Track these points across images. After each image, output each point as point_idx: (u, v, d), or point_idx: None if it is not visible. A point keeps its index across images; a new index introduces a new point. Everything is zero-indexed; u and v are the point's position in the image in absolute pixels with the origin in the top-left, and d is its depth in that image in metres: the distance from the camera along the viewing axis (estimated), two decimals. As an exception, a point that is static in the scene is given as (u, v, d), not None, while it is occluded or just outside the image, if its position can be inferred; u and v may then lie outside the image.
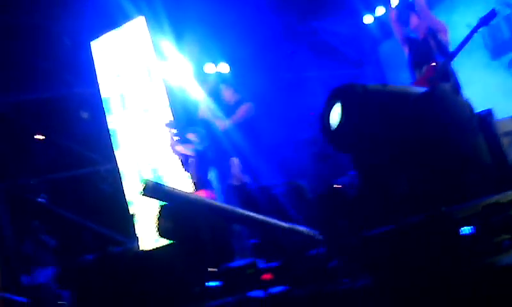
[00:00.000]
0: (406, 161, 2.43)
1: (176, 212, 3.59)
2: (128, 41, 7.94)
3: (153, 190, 3.22)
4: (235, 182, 5.98)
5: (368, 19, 9.88)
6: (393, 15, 5.79)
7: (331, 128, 2.56)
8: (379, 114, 2.46)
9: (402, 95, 2.60)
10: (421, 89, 2.66)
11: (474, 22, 5.05)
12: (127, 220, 7.72)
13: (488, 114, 2.67)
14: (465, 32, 5.10)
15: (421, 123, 2.37)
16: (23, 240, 7.33)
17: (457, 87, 4.87)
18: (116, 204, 7.89)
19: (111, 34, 8.04)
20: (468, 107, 2.53)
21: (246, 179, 5.87)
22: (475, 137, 2.45)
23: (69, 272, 5.77)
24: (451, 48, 5.18)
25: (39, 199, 7.92)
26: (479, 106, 2.67)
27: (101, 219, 8.02)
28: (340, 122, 2.45)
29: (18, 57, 7.64)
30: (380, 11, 9.63)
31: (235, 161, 5.93)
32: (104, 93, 8.09)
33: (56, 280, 6.53)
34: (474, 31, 5.01)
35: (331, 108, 2.56)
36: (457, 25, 6.43)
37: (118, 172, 7.88)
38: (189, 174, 6.33)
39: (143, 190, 3.26)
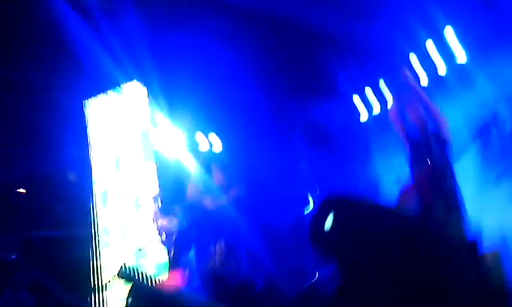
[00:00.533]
0: (389, 284, 2.33)
1: (145, 294, 3.43)
2: (124, 103, 7.93)
3: (126, 275, 3.08)
4: (217, 265, 5.75)
5: (364, 117, 10.03)
6: (393, 112, 5.69)
7: (321, 235, 2.49)
8: (371, 230, 2.37)
9: (395, 214, 2.52)
10: (414, 208, 2.57)
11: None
12: (95, 289, 7.46)
13: (475, 243, 2.58)
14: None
15: (411, 245, 2.27)
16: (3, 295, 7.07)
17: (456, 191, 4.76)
18: (88, 271, 7.63)
19: (107, 95, 8.03)
20: (460, 232, 2.43)
21: (231, 264, 5.64)
22: (462, 267, 2.35)
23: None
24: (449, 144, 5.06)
25: (10, 257, 7.69)
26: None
27: (70, 283, 7.77)
28: (331, 233, 2.37)
29: (10, 110, 7.58)
30: (376, 109, 9.79)
31: (219, 245, 5.73)
32: (95, 154, 8.00)
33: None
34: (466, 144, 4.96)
35: (324, 218, 2.48)
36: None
37: (96, 238, 7.67)
38: (167, 250, 6.14)
39: (118, 272, 3.13)
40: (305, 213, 9.48)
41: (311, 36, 7.75)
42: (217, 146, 8.77)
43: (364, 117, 9.99)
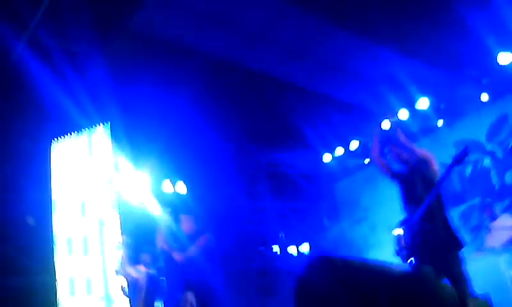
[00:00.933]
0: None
1: None
2: (88, 147, 7.78)
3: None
4: None
5: (327, 158, 10.19)
6: (375, 150, 5.64)
7: (311, 297, 2.43)
8: (358, 290, 2.34)
9: (382, 273, 2.49)
10: (402, 269, 2.54)
11: (448, 160, 4.92)
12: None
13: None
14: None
15: (399, 302, 2.26)
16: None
17: (449, 224, 4.76)
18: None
19: (72, 139, 7.88)
20: (450, 294, 2.43)
21: None
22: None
23: None
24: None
25: None
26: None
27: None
28: (321, 293, 2.33)
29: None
30: (339, 151, 9.99)
31: (188, 295, 5.61)
32: (59, 199, 7.77)
33: None
34: (449, 169, 4.85)
35: (311, 278, 2.43)
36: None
37: (55, 285, 7.38)
38: (129, 299, 5.96)
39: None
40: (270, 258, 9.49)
41: (278, 86, 7.90)
42: (183, 190, 8.68)
43: (327, 158, 10.17)
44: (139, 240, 7.07)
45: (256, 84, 7.92)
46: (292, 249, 9.92)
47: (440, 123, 9.08)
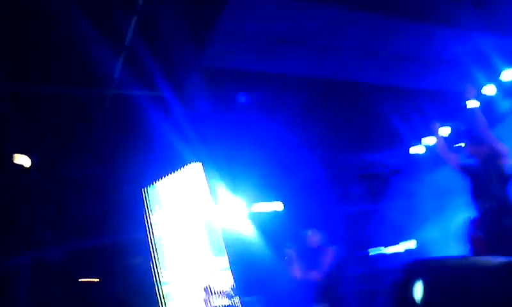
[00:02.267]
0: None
1: None
2: (183, 185, 8.05)
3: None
4: None
5: (419, 149, 9.92)
6: (441, 143, 5.57)
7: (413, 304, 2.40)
8: (461, 292, 2.29)
9: (483, 269, 2.43)
10: (502, 260, 2.47)
11: None
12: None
13: None
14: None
15: (503, 299, 2.18)
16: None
17: None
18: None
19: (168, 178, 8.20)
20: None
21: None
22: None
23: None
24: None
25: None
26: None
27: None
28: (424, 300, 2.29)
29: (76, 206, 7.84)
30: (429, 140, 9.68)
31: None
32: (156, 236, 8.11)
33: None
34: None
35: (411, 284, 2.41)
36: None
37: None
38: None
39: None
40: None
41: (357, 89, 7.86)
42: (279, 208, 8.81)
43: (419, 150, 9.90)
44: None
45: (336, 91, 7.93)
46: (397, 248, 9.74)
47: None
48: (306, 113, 7.94)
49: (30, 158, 7.30)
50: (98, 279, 8.40)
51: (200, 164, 7.80)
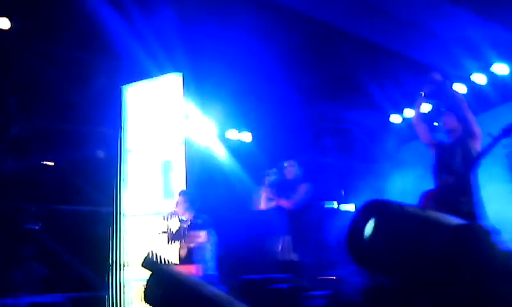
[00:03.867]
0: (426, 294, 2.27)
1: (168, 283, 3.36)
2: (160, 93, 7.96)
3: (151, 265, 3.02)
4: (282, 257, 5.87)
5: (396, 119, 9.97)
6: (416, 116, 5.60)
7: (359, 245, 2.39)
8: (411, 238, 2.31)
9: (437, 223, 2.44)
10: (457, 221, 2.49)
11: (496, 131, 4.68)
12: (115, 269, 7.53)
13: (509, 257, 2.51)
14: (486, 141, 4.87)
15: (450, 259, 2.21)
16: (13, 265, 7.16)
17: (478, 204, 4.68)
18: (108, 249, 7.70)
19: (146, 83, 8.09)
20: (502, 252, 2.37)
21: (294, 257, 5.81)
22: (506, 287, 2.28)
23: None
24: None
25: (33, 226, 7.78)
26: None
27: (90, 260, 7.86)
28: (372, 239, 2.29)
29: (50, 84, 7.68)
30: (409, 112, 9.73)
31: (286, 239, 5.88)
32: (126, 137, 8.06)
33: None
34: (495, 141, 4.63)
35: (364, 224, 2.39)
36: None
37: (119, 218, 7.72)
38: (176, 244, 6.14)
39: (144, 262, 3.07)
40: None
41: (351, 40, 7.75)
42: (247, 139, 8.79)
43: (396, 119, 9.96)
44: (204, 183, 7.27)
45: (329, 37, 7.82)
46: (350, 207, 9.91)
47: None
48: (293, 50, 7.83)
49: (10, 22, 7.05)
50: (52, 163, 8.31)
51: (179, 75, 7.68)
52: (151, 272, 3.35)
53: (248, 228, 6.51)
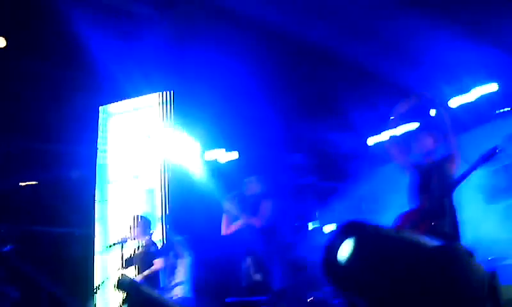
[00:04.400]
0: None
1: (145, 304, 3.27)
2: (141, 112, 7.89)
3: (128, 286, 2.95)
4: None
5: (371, 141, 10.05)
6: (390, 138, 5.60)
7: (336, 265, 2.34)
8: (389, 260, 2.27)
9: (413, 245, 2.41)
10: (433, 243, 2.47)
11: (474, 157, 4.72)
12: (89, 293, 7.38)
13: (492, 277, 2.49)
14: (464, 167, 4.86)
15: (429, 281, 2.18)
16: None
17: (455, 227, 4.68)
18: (82, 273, 7.56)
19: (124, 103, 8.02)
20: (481, 273, 2.35)
21: (258, 277, 5.63)
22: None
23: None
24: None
25: (4, 248, 7.58)
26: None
27: (63, 283, 7.68)
28: (349, 261, 2.25)
29: (25, 101, 7.56)
30: (385, 136, 9.80)
31: (248, 260, 5.71)
32: (102, 158, 7.96)
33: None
34: (473, 167, 4.67)
35: (338, 244, 2.36)
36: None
37: (93, 241, 7.59)
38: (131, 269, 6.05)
39: (118, 284, 2.99)
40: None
41: (332, 65, 7.79)
42: (230, 158, 8.76)
43: (372, 141, 10.03)
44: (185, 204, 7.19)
45: (310, 58, 7.86)
46: (327, 228, 9.89)
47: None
48: (274, 70, 7.85)
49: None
50: (25, 183, 8.16)
51: (159, 95, 7.64)
52: (126, 294, 3.27)
53: (221, 250, 6.43)
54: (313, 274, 8.12)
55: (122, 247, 6.06)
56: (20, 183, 8.12)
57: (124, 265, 6.07)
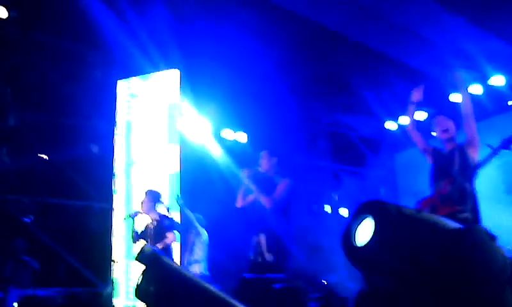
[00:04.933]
0: (425, 297, 2.24)
1: (162, 278, 3.30)
2: (157, 89, 7.93)
3: (150, 258, 2.97)
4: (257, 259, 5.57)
5: (390, 125, 9.97)
6: (410, 123, 5.51)
7: (357, 245, 2.35)
8: (410, 242, 2.27)
9: (435, 227, 2.41)
10: (455, 225, 2.47)
11: (496, 142, 4.65)
12: (107, 265, 7.49)
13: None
14: (485, 152, 4.82)
15: (451, 263, 2.18)
16: (4, 258, 7.10)
17: (476, 213, 4.66)
18: (101, 245, 7.67)
19: (139, 79, 8.07)
20: (503, 256, 2.35)
21: (270, 258, 5.45)
22: (505, 291, 2.27)
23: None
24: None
25: (25, 219, 7.73)
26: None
27: (82, 255, 7.82)
28: (371, 240, 2.25)
29: (46, 76, 7.63)
30: (403, 120, 9.73)
31: (261, 238, 5.51)
32: (120, 131, 8.03)
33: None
34: (495, 152, 4.60)
35: (359, 223, 2.36)
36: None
37: (111, 214, 7.68)
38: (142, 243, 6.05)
39: (139, 255, 3.01)
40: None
41: (348, 45, 7.74)
42: (243, 139, 8.76)
43: (391, 126, 9.97)
44: (199, 182, 7.23)
45: (327, 40, 7.78)
46: (343, 211, 9.91)
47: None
48: (290, 51, 7.80)
49: (8, 11, 6.99)
50: (45, 157, 8.26)
51: (175, 71, 7.67)
52: (147, 265, 3.31)
53: (236, 227, 6.37)
54: (329, 256, 8.16)
55: (133, 220, 6.06)
56: (40, 156, 8.23)
57: (135, 238, 6.09)
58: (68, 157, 8.01)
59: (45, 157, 8.27)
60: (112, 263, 7.47)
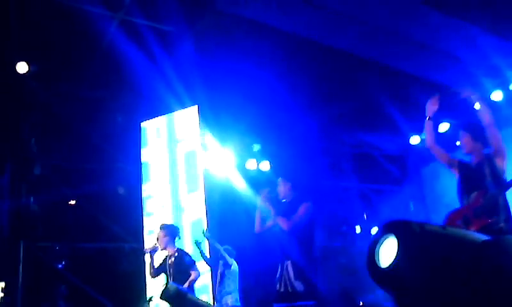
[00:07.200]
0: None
1: None
2: (178, 126, 8.02)
3: (174, 296, 2.99)
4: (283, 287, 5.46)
5: (414, 140, 9.88)
6: (430, 139, 5.39)
7: (380, 266, 2.30)
8: (436, 259, 2.21)
9: (461, 241, 2.35)
10: (482, 237, 2.41)
11: None
12: (142, 304, 7.49)
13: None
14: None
15: (480, 276, 2.11)
16: (39, 305, 7.17)
17: (510, 223, 4.55)
18: (134, 284, 7.69)
19: (162, 118, 8.19)
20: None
21: (299, 286, 5.33)
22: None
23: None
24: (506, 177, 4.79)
25: (58, 265, 7.82)
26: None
27: (116, 296, 7.84)
28: (395, 261, 2.20)
29: (68, 124, 7.79)
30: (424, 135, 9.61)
31: (288, 265, 5.40)
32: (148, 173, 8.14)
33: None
34: None
35: (381, 244, 2.32)
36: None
37: (143, 253, 7.72)
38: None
39: (163, 293, 3.02)
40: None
41: (366, 65, 7.73)
42: (266, 168, 8.76)
43: (415, 141, 9.86)
44: (224, 214, 7.23)
45: (344, 63, 7.79)
46: (374, 230, 9.80)
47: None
48: (310, 78, 7.83)
49: (28, 65, 7.18)
50: (73, 202, 8.38)
51: (196, 107, 7.76)
52: (171, 303, 3.31)
53: (260, 254, 6.27)
54: (364, 277, 8.05)
55: (152, 256, 6.02)
56: (69, 202, 8.35)
57: (153, 274, 6.04)
58: (96, 201, 8.12)
59: (73, 202, 8.39)
60: (148, 303, 7.47)
